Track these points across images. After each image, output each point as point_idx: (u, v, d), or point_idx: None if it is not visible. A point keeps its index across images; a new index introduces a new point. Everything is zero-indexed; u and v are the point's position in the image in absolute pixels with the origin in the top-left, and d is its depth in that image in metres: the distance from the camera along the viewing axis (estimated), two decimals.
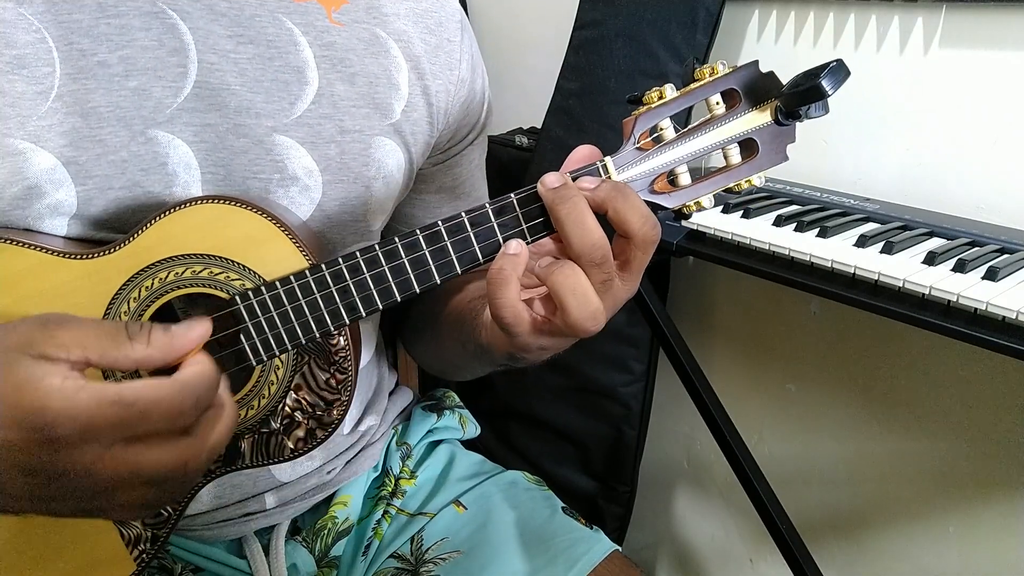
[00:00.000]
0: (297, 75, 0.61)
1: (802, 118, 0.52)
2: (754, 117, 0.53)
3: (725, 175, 0.54)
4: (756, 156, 0.54)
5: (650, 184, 0.53)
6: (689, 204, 0.54)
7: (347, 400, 0.57)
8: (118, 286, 0.54)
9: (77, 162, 0.55)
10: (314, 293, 0.53)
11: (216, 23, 0.58)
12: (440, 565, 0.72)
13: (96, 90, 0.55)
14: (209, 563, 0.70)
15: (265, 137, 0.60)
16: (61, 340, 0.44)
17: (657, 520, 1.52)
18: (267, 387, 0.56)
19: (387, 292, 0.53)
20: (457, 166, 0.76)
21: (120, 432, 0.43)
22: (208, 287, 0.54)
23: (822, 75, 0.48)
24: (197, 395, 0.45)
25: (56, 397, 0.42)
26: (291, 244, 0.54)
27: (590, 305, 0.49)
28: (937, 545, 1.12)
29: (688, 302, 1.35)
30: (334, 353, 0.56)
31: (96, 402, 0.42)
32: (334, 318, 0.53)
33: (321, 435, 0.57)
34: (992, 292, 0.71)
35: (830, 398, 1.20)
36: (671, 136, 0.53)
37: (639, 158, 0.53)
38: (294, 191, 0.62)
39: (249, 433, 0.57)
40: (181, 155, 0.58)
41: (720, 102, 0.53)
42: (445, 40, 0.69)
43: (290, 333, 0.54)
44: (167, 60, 0.57)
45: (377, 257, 0.52)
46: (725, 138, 0.53)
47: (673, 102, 0.52)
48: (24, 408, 0.42)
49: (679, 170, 0.54)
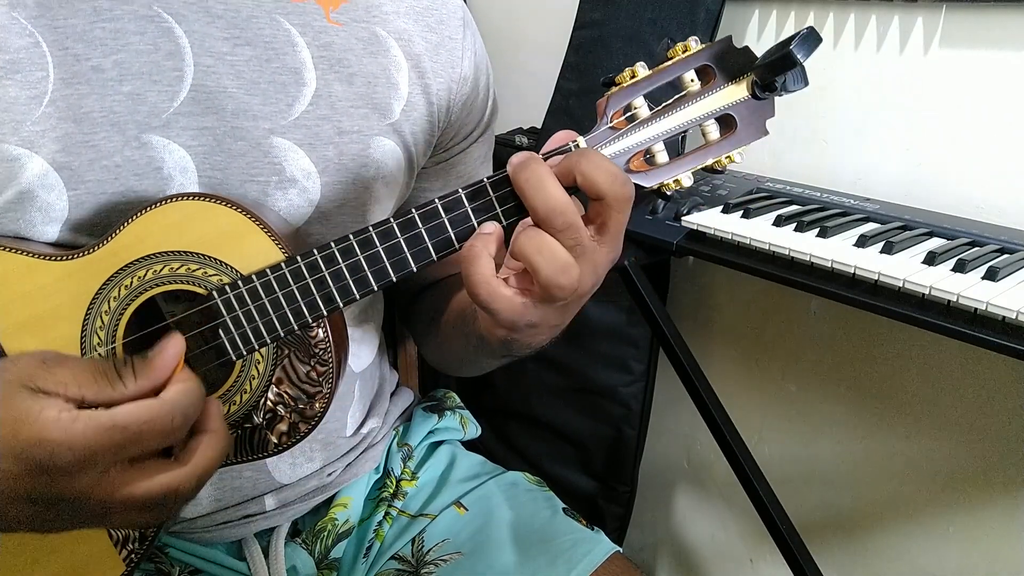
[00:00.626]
0: (295, 76, 0.61)
1: (780, 91, 0.52)
2: (730, 92, 0.53)
3: (704, 152, 0.54)
4: (735, 132, 0.53)
5: (625, 164, 0.53)
6: (668, 182, 0.54)
7: (329, 393, 0.56)
8: (98, 286, 0.54)
9: (70, 167, 0.55)
10: (290, 285, 0.53)
11: (212, 25, 0.58)
12: (441, 567, 0.72)
13: (89, 95, 0.55)
14: (208, 565, 0.70)
15: (263, 139, 0.60)
16: (59, 377, 0.46)
17: (657, 520, 1.52)
18: (248, 382, 0.56)
19: (363, 281, 0.53)
20: (461, 163, 0.76)
21: (116, 456, 0.46)
22: (186, 283, 0.54)
23: (792, 43, 0.48)
24: (184, 410, 0.48)
25: (54, 429, 0.44)
26: (266, 237, 0.54)
27: (558, 260, 0.48)
28: (937, 545, 1.12)
29: (688, 302, 1.35)
30: (314, 345, 0.56)
31: (93, 430, 0.45)
32: (312, 309, 0.53)
33: (304, 429, 0.57)
34: (992, 292, 0.71)
35: (830, 398, 1.20)
36: (645, 115, 0.53)
37: (612, 137, 0.53)
38: (292, 193, 0.61)
39: (232, 429, 0.57)
40: (177, 159, 0.58)
41: (695, 79, 0.53)
42: (447, 38, 0.68)
43: (268, 326, 0.54)
44: (163, 64, 0.56)
45: (352, 246, 0.52)
46: (701, 114, 0.53)
47: (645, 80, 0.52)
48: (23, 440, 0.44)
49: (656, 148, 0.53)
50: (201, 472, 0.49)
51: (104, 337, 0.54)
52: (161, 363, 0.49)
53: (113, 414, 0.46)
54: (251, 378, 0.56)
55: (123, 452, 0.46)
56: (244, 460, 0.58)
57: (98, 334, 0.54)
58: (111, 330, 0.54)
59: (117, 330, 0.54)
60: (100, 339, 0.54)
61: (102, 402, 0.47)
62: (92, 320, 0.54)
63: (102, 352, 0.54)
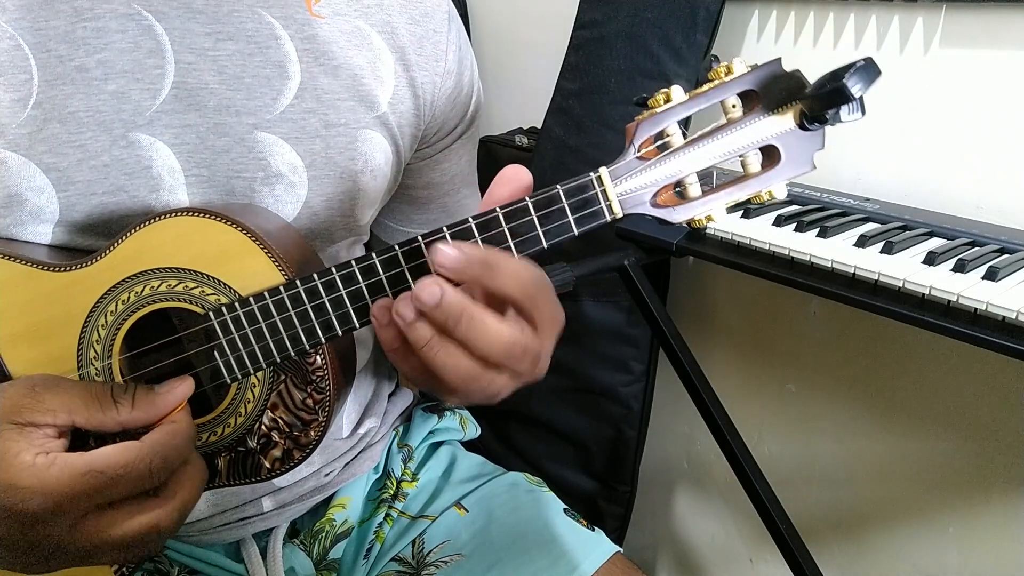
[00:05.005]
0: (279, 70, 0.60)
1: (831, 122, 0.47)
2: (775, 121, 0.48)
3: (742, 185, 0.49)
4: (778, 164, 0.49)
5: (652, 196, 0.49)
6: (699, 218, 0.49)
7: (325, 421, 0.55)
8: (96, 299, 0.53)
9: (58, 168, 0.54)
10: (289, 310, 0.51)
11: (193, 21, 0.57)
12: (441, 568, 0.72)
13: (74, 95, 0.54)
14: (206, 567, 0.70)
15: (246, 135, 0.59)
16: (48, 405, 0.46)
17: (657, 520, 1.52)
18: (243, 405, 0.55)
19: (364, 310, 0.51)
20: (446, 160, 0.75)
21: (91, 501, 0.45)
22: (183, 302, 0.53)
23: (847, 75, 0.43)
24: (165, 455, 0.47)
25: (26, 475, 0.44)
26: (266, 258, 0.52)
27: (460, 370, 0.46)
28: (937, 545, 1.12)
29: (688, 302, 1.35)
30: (311, 372, 0.54)
31: (68, 476, 0.44)
32: (309, 336, 0.52)
33: (298, 456, 0.56)
34: (992, 292, 0.71)
35: (830, 398, 1.20)
36: (679, 143, 0.48)
37: (640, 168, 0.48)
38: (279, 189, 0.61)
39: (226, 451, 0.56)
40: (164, 158, 0.57)
41: (737, 104, 0.48)
42: (431, 31, 0.68)
43: (264, 351, 0.52)
44: (144, 62, 0.56)
45: (354, 274, 0.50)
46: (741, 145, 0.48)
47: (681, 106, 0.48)
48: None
49: (688, 180, 0.49)
50: (182, 506, 0.48)
51: (100, 351, 0.54)
52: (163, 401, 0.49)
53: (90, 459, 0.45)
54: (246, 401, 0.55)
55: (98, 497, 0.45)
56: (236, 483, 0.57)
57: (94, 348, 0.54)
58: (107, 344, 0.54)
59: (113, 345, 0.54)
60: (96, 352, 0.54)
61: (92, 427, 0.47)
62: (89, 333, 0.54)
63: (98, 367, 0.54)
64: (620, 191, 0.49)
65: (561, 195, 0.48)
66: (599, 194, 0.49)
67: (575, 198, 0.49)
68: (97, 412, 0.47)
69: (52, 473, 0.44)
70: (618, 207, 0.49)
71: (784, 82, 0.48)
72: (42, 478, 0.44)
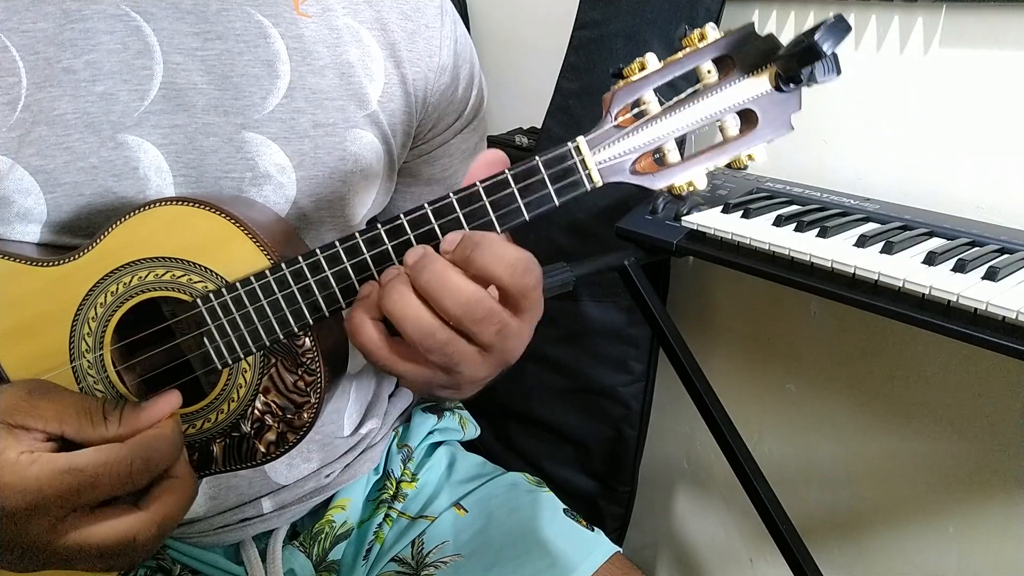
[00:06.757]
0: (268, 69, 0.60)
1: (806, 82, 0.47)
2: (751, 84, 0.48)
3: (720, 149, 0.49)
4: (756, 127, 0.49)
5: (632, 164, 0.49)
6: (679, 184, 0.50)
7: (317, 403, 0.56)
8: (85, 291, 0.54)
9: (45, 171, 0.54)
10: (275, 293, 0.52)
11: (181, 21, 0.57)
12: (441, 569, 0.72)
13: (62, 97, 0.54)
14: (207, 568, 0.70)
15: (234, 135, 0.59)
16: (42, 411, 0.47)
17: (657, 520, 1.52)
18: (236, 390, 0.56)
19: (350, 289, 0.52)
20: (444, 156, 0.75)
21: (70, 502, 0.45)
22: (171, 290, 0.54)
23: (817, 33, 0.44)
24: (147, 457, 0.47)
25: (7, 472, 0.44)
26: (251, 243, 0.53)
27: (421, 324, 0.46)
28: (937, 545, 1.12)
29: (688, 302, 1.35)
30: (301, 355, 0.55)
31: (48, 473, 0.45)
32: (297, 318, 0.52)
33: (292, 439, 0.56)
34: (992, 292, 0.71)
35: (830, 398, 1.20)
36: (655, 110, 0.48)
37: (617, 136, 0.49)
38: (267, 189, 0.61)
39: (220, 437, 0.56)
40: (152, 159, 0.57)
41: (712, 70, 0.48)
42: (423, 26, 0.67)
43: (253, 335, 0.53)
44: (132, 63, 0.56)
45: (338, 254, 0.51)
46: (718, 109, 0.48)
47: (656, 74, 0.48)
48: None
49: (667, 147, 0.49)
50: (161, 520, 0.48)
51: (92, 343, 0.54)
52: (146, 416, 0.50)
53: (71, 457, 0.45)
54: (238, 387, 0.56)
55: (78, 497, 0.45)
56: (232, 469, 0.58)
57: (86, 340, 0.54)
58: (98, 336, 0.54)
59: (104, 336, 0.54)
60: (88, 345, 0.54)
61: (81, 440, 0.48)
62: (80, 326, 0.54)
63: (90, 358, 0.54)
64: (599, 159, 0.49)
65: (540, 166, 0.49)
66: (578, 163, 0.49)
67: (554, 168, 0.49)
68: (87, 426, 0.48)
69: (32, 471, 0.45)
70: (597, 176, 0.49)
71: (758, 44, 0.48)
72: (22, 475, 0.44)
